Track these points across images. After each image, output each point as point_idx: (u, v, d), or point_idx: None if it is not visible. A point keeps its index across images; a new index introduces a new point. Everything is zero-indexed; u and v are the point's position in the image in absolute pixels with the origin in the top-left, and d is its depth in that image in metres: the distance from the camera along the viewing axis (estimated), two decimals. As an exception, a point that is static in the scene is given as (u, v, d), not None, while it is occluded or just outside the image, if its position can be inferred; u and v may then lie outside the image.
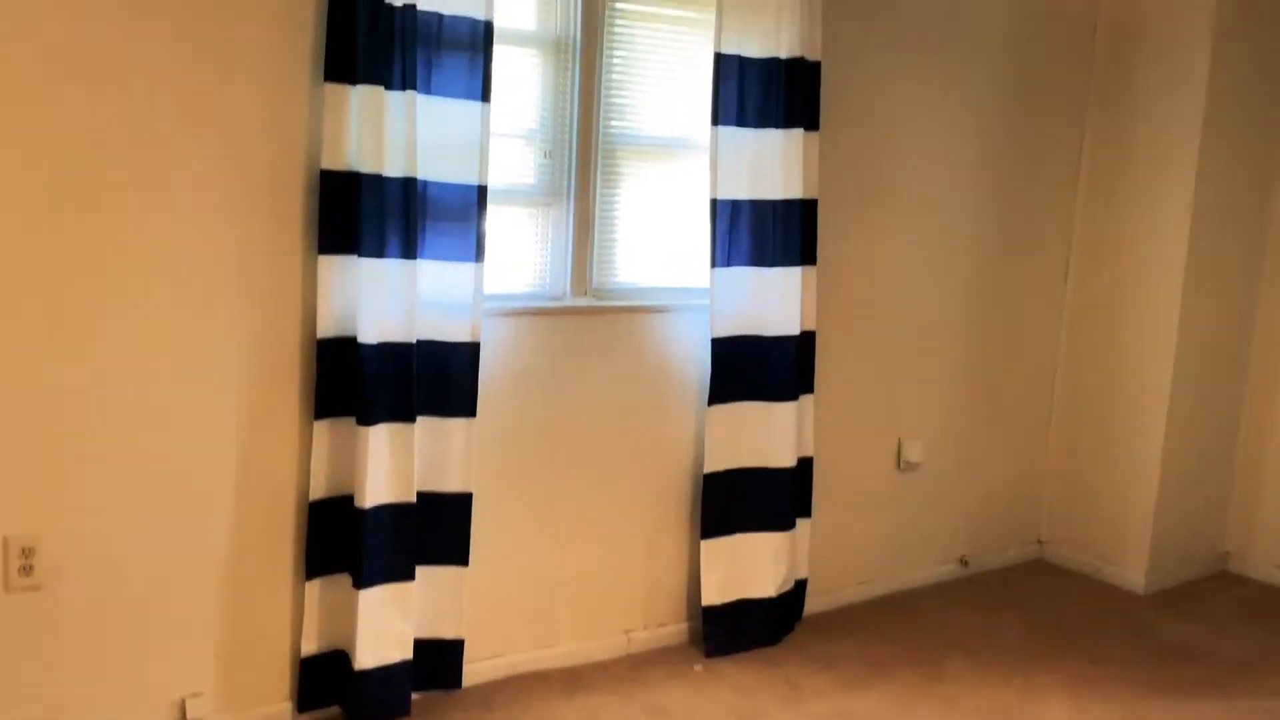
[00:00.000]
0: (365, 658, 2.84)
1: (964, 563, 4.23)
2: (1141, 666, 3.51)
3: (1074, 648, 3.62)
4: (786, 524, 3.55)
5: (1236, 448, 4.34)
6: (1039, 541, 4.46)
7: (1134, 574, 4.14)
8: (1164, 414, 4.02)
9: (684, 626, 3.54)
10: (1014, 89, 4.01)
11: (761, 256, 3.38)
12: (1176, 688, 3.37)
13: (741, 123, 3.28)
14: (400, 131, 2.68)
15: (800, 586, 3.68)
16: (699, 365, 3.42)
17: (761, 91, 3.28)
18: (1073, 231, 4.27)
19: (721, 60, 3.21)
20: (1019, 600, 4.02)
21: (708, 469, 3.41)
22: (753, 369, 3.42)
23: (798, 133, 3.35)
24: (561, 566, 3.28)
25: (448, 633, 3.01)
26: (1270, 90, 4.07)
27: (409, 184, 2.71)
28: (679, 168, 3.41)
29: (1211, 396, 4.19)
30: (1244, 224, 4.13)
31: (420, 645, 2.97)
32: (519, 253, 3.16)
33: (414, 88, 2.68)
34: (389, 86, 2.65)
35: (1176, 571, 4.22)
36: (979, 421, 4.18)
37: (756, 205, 3.34)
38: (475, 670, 3.13)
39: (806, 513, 3.64)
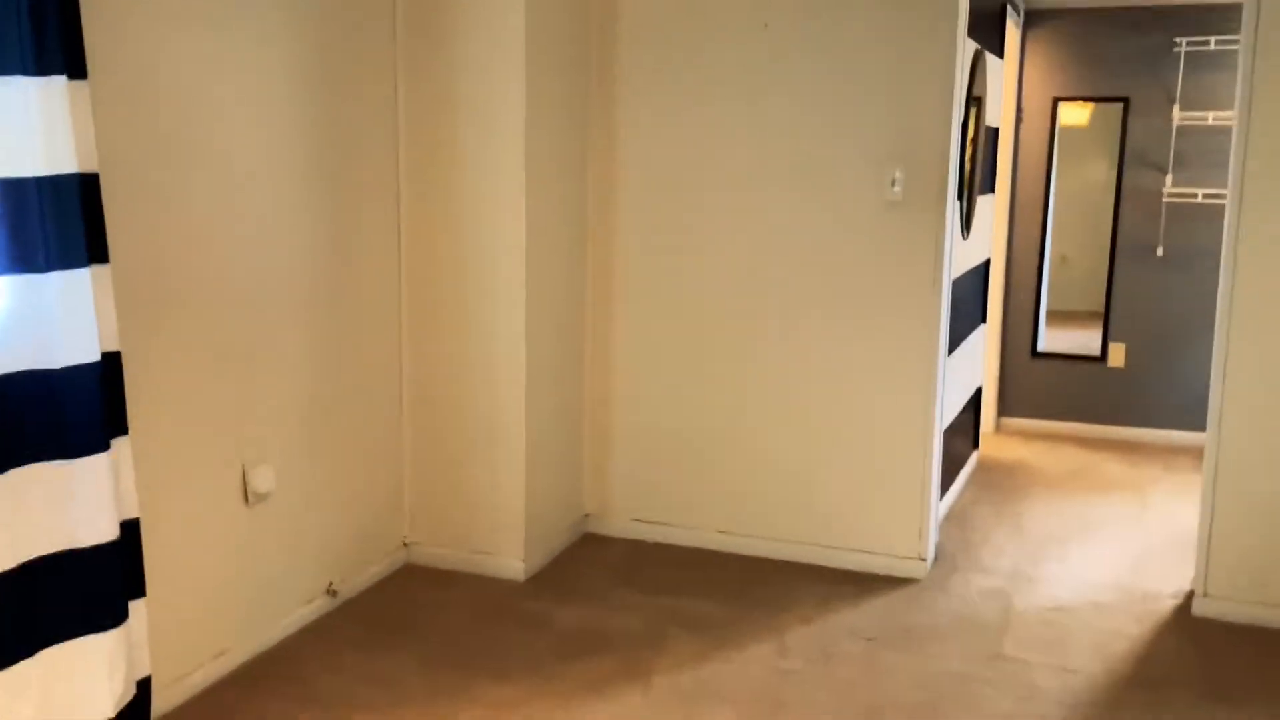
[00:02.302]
0: None
1: (333, 593, 3.60)
2: (552, 670, 3.21)
3: (477, 668, 3.21)
4: (117, 616, 2.62)
5: (584, 414, 4.26)
6: (405, 545, 3.98)
7: (511, 560, 3.86)
8: (521, 398, 3.75)
9: (-18, 800, 2.46)
10: (324, 33, 3.36)
11: (27, 258, 2.38)
12: (594, 684, 3.12)
13: (-34, 66, 2.23)
14: None
15: (145, 688, 2.77)
16: (-51, 426, 2.33)
17: (-8, 21, 2.26)
18: (401, 210, 3.79)
19: (-80, -30, 2.14)
20: (403, 624, 3.50)
21: (-13, 573, 2.36)
22: (38, 418, 2.42)
23: (58, 81, 2.37)
24: None
25: None
26: (582, 32, 3.95)
27: None
28: None
29: (559, 369, 4.02)
30: (569, 191, 3.98)
31: None
32: None
33: None
34: None
35: (549, 547, 4.04)
36: (334, 430, 3.55)
37: (8, 187, 2.33)
38: None
39: (140, 592, 2.73)
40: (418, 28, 3.69)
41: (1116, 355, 5.80)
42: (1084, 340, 5.92)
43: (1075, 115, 5.82)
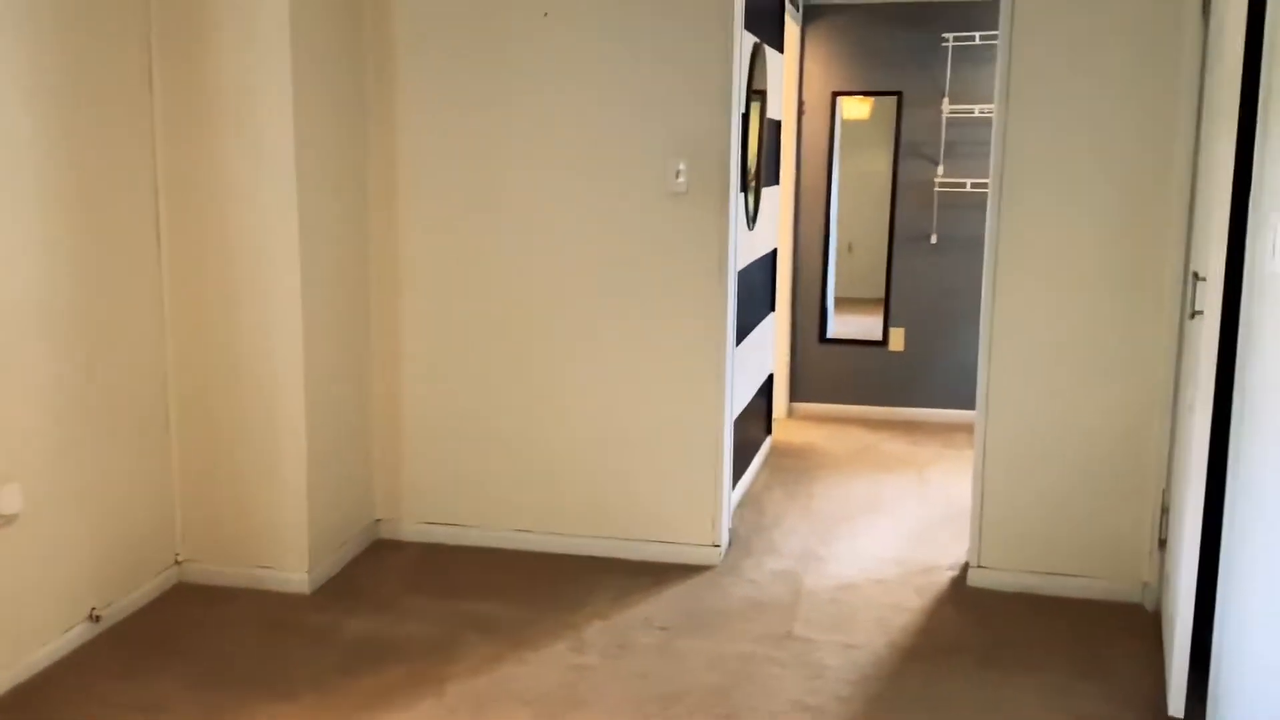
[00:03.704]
0: None
1: (95, 618, 3.34)
2: (337, 684, 3.07)
3: (255, 687, 3.04)
4: None
5: (372, 416, 4.11)
6: (177, 562, 3.74)
7: (295, 573, 3.68)
8: (301, 398, 3.58)
9: None
10: (60, 29, 3.10)
11: None
12: (383, 695, 3.00)
13: None
14: None
15: None
16: None
17: None
18: (161, 213, 3.55)
19: None
20: (174, 646, 3.29)
21: None
22: None
23: None
24: None
25: None
26: (355, 23, 3.79)
27: None
28: None
29: (342, 370, 3.86)
30: (347, 188, 3.82)
31: None
32: None
33: None
34: None
35: (337, 556, 3.87)
36: (91, 445, 3.28)
37: None
38: None
39: None
40: (174, 23, 3.46)
41: (897, 339, 6.04)
42: (869, 326, 6.14)
43: (858, 109, 6.02)
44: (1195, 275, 3.06)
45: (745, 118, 4.26)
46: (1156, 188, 3.50)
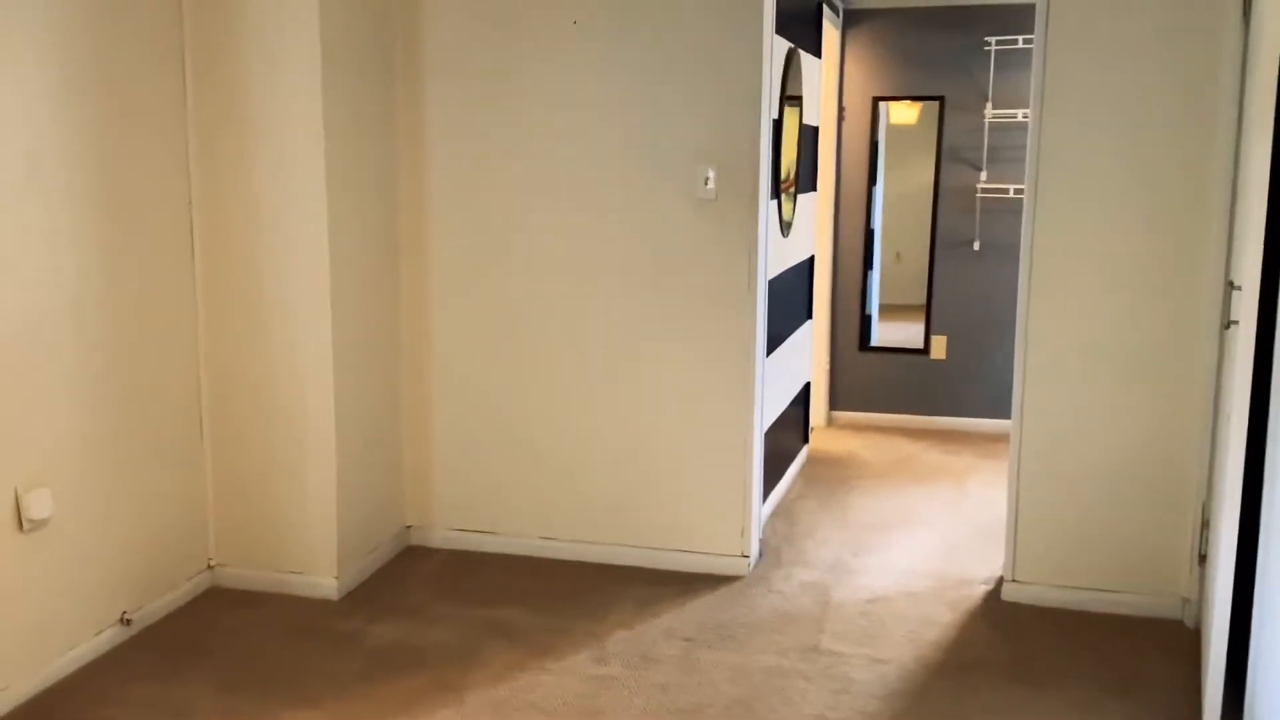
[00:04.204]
0: None
1: (127, 621, 3.39)
2: (359, 691, 3.08)
3: (279, 692, 3.06)
4: None
5: (402, 424, 4.13)
6: (210, 567, 3.79)
7: (324, 578, 3.70)
8: (331, 405, 3.61)
9: None
10: (97, 32, 3.15)
11: None
12: (404, 702, 3.01)
13: None
14: None
15: (-103, 739, 2.55)
16: None
17: None
18: (194, 218, 3.60)
19: None
20: (203, 650, 3.32)
21: None
22: None
23: None
24: None
25: None
26: (384, 32, 3.82)
27: None
28: None
29: (372, 379, 3.88)
30: (377, 194, 3.85)
31: None
32: None
33: None
34: None
35: (366, 563, 3.89)
36: (123, 449, 3.33)
37: None
38: None
39: (-112, 633, 2.51)
40: (206, 30, 3.51)
41: (938, 348, 5.95)
42: (914, 333, 6.06)
43: (905, 114, 5.94)
44: (1231, 284, 2.97)
45: (779, 124, 4.22)
46: (1194, 195, 3.41)
